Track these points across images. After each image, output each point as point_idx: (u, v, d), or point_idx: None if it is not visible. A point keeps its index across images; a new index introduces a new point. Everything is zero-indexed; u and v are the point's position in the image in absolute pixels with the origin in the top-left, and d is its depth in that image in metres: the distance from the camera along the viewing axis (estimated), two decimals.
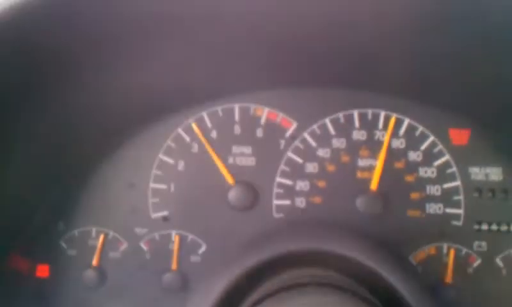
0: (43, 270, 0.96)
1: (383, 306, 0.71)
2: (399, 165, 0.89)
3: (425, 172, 0.88)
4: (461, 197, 0.87)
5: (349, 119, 0.90)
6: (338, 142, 0.91)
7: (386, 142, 0.89)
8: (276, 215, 0.92)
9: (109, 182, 0.96)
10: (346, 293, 0.72)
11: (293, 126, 0.92)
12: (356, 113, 0.90)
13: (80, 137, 0.91)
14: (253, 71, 0.88)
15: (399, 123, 0.89)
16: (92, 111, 0.87)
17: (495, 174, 0.87)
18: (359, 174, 0.90)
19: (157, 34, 0.72)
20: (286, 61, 0.83)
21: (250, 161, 0.93)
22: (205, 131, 0.93)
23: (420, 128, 0.88)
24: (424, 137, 0.88)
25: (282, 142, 0.92)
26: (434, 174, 0.88)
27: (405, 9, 0.63)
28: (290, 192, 0.92)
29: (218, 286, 0.73)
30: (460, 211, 0.87)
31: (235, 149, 0.93)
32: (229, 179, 0.92)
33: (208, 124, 0.93)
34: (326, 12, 0.65)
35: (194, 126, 0.93)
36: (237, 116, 0.93)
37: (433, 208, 0.88)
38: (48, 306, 0.95)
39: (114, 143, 0.96)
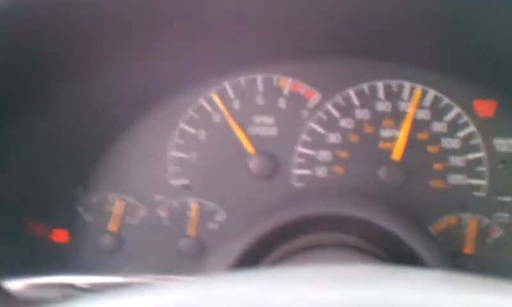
0: (61, 235, 0.97)
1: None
2: (422, 136, 0.89)
3: (449, 143, 0.88)
4: (484, 168, 0.87)
5: (374, 90, 0.90)
6: (362, 113, 0.90)
7: (411, 113, 0.88)
8: (296, 184, 0.92)
9: (129, 149, 0.96)
10: (366, 254, 0.73)
11: (316, 97, 0.91)
12: (380, 84, 0.90)
13: (101, 105, 0.91)
14: (276, 41, 0.87)
15: (424, 94, 0.88)
16: (114, 81, 0.87)
17: None
18: (381, 145, 0.90)
19: (182, 12, 0.71)
20: (310, 31, 0.83)
21: (272, 131, 0.93)
22: (228, 101, 0.93)
23: (445, 100, 0.88)
24: (448, 108, 0.88)
25: (305, 112, 0.92)
26: (458, 145, 0.88)
27: None
28: (311, 161, 0.92)
29: (236, 247, 0.74)
30: (483, 182, 0.87)
31: (257, 119, 0.93)
32: (249, 148, 0.92)
33: (231, 94, 0.93)
34: None
35: (216, 98, 0.93)
36: (260, 87, 0.92)
37: (456, 179, 0.88)
38: (66, 270, 0.96)
39: (135, 111, 0.95)
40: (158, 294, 0.32)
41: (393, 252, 0.75)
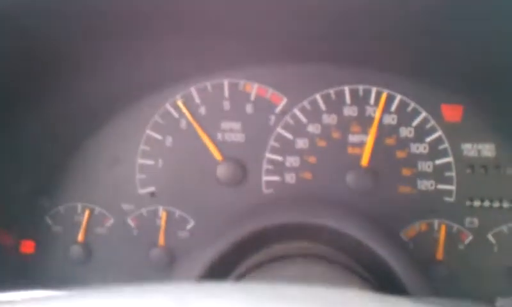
0: (28, 246, 0.95)
1: (375, 281, 0.70)
2: (390, 141, 0.87)
3: (417, 148, 0.87)
4: (453, 173, 0.86)
5: (340, 95, 0.89)
6: (329, 118, 0.89)
7: (378, 118, 0.87)
8: (265, 190, 0.91)
9: (94, 158, 0.94)
10: (335, 264, 0.71)
11: (283, 101, 0.90)
12: (347, 89, 0.88)
13: (67, 112, 0.89)
14: (242, 46, 0.86)
15: (390, 99, 0.87)
16: (79, 88, 0.86)
17: (487, 150, 0.85)
18: (350, 150, 0.88)
19: (150, 15, 0.70)
20: (276, 36, 0.82)
21: (239, 137, 0.91)
22: (194, 107, 0.92)
23: (412, 104, 0.87)
24: (415, 113, 0.87)
25: (272, 117, 0.90)
26: (426, 150, 0.86)
27: None
28: (279, 168, 0.91)
29: (205, 257, 0.72)
30: (452, 187, 0.86)
31: (224, 125, 0.91)
32: (217, 155, 0.91)
33: (197, 100, 0.92)
34: None
35: (180, 104, 0.91)
36: (226, 92, 0.91)
37: (425, 185, 0.87)
38: (34, 282, 0.94)
39: (100, 119, 0.94)
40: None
41: (365, 262, 0.73)
